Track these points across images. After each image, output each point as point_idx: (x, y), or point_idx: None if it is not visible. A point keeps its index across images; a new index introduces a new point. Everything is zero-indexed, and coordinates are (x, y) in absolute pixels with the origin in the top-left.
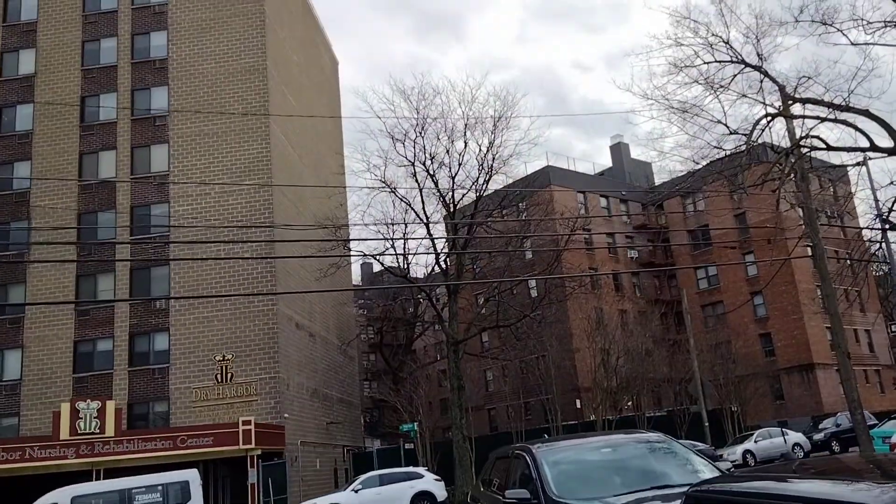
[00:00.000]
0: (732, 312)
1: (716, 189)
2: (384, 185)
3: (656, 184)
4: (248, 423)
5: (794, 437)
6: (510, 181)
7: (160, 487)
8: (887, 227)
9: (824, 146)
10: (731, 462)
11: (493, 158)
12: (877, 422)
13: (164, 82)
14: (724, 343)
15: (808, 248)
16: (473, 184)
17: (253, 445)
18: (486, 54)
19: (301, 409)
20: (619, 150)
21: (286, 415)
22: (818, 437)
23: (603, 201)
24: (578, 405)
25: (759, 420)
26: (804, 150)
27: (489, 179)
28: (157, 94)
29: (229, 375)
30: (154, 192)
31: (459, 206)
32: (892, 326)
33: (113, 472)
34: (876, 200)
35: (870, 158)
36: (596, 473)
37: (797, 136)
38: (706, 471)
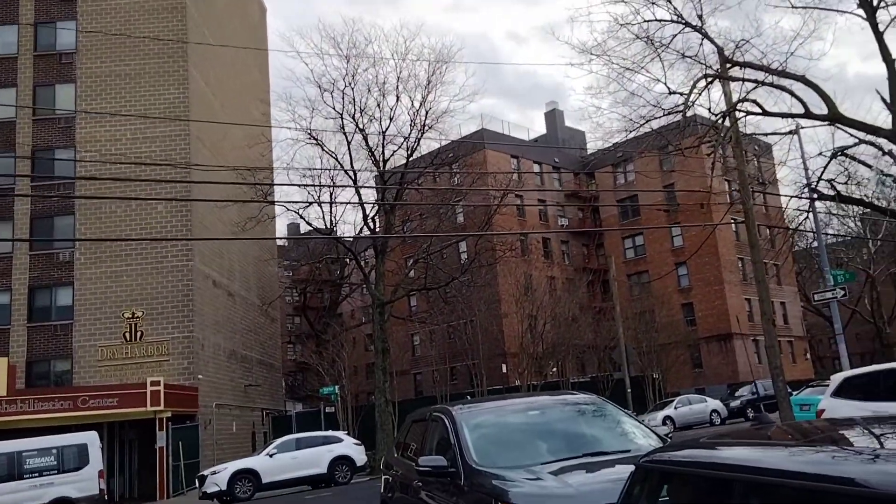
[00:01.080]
0: (657, 282)
1: (651, 153)
2: (310, 135)
3: (590, 152)
4: (157, 383)
5: (713, 403)
6: (444, 140)
7: (54, 451)
8: (815, 196)
9: (760, 111)
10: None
11: (427, 114)
12: (791, 390)
13: (71, 16)
14: (648, 312)
15: (739, 216)
16: (405, 140)
17: (162, 407)
18: (420, 20)
19: (217, 371)
20: (553, 117)
21: (200, 376)
22: (734, 404)
23: (536, 167)
24: (504, 370)
25: (679, 387)
26: (740, 115)
27: (421, 136)
28: (63, 29)
29: (139, 334)
30: (59, 134)
31: (391, 166)
32: (815, 296)
33: (7, 435)
34: (806, 170)
35: (802, 127)
36: (521, 439)
37: (734, 101)
38: (642, 436)
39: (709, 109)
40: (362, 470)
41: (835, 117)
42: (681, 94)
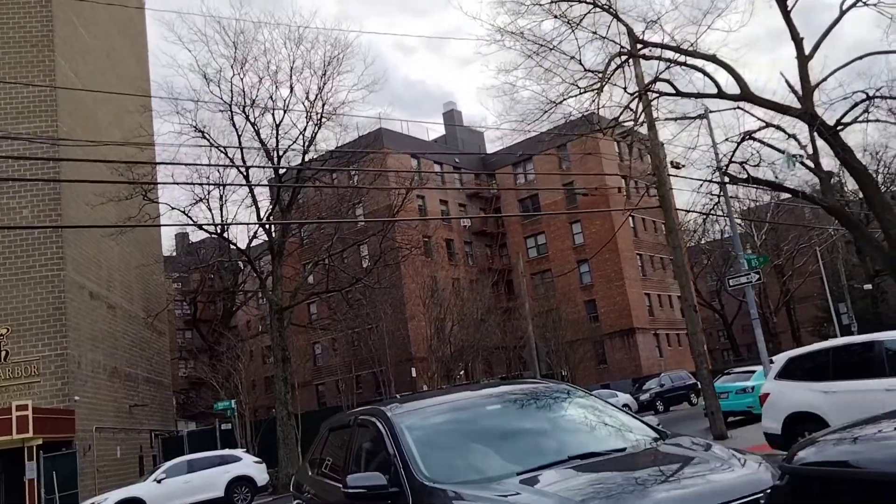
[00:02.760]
0: (561, 280)
1: (552, 152)
2: (195, 128)
3: (489, 151)
4: (24, 407)
5: (623, 398)
6: (343, 134)
7: None
8: (727, 180)
9: (673, 91)
10: None
11: (323, 106)
12: (695, 381)
13: None
14: (553, 310)
15: (635, 211)
16: (301, 133)
17: (31, 434)
18: (308, 29)
19: (97, 391)
20: (451, 117)
21: (77, 397)
22: (644, 397)
23: (437, 168)
24: (414, 374)
25: (586, 383)
26: (653, 97)
27: (318, 129)
28: None
29: (3, 354)
30: None
31: (287, 164)
32: (730, 281)
33: None
34: (716, 153)
35: (711, 111)
36: (483, 443)
37: (646, 82)
38: (634, 428)
39: (624, 89)
40: (264, 490)
41: (746, 97)
42: (595, 72)
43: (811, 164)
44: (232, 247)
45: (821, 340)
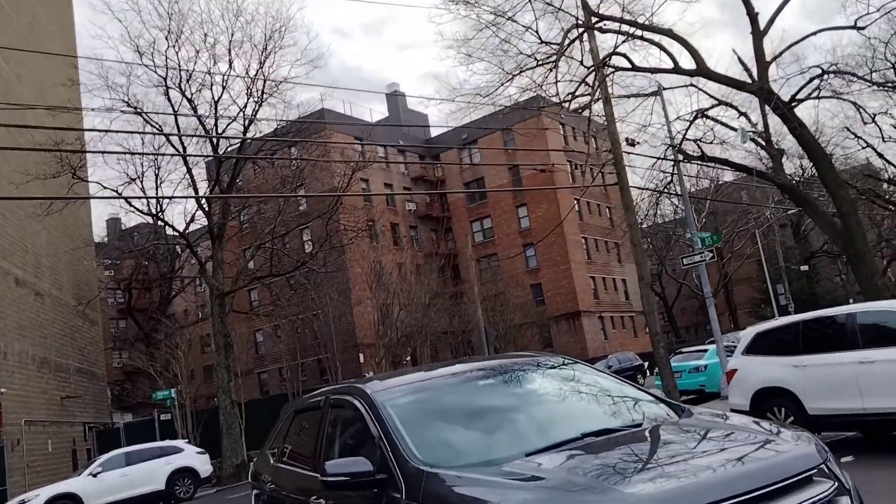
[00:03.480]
0: (507, 264)
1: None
2: (127, 104)
3: (433, 134)
4: None
5: None
6: (286, 111)
7: None
8: (682, 158)
9: (629, 66)
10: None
11: (265, 81)
12: (641, 362)
13: None
14: (500, 294)
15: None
16: (241, 110)
17: None
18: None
19: (26, 382)
20: (395, 99)
21: (3, 389)
22: None
23: (381, 151)
24: (362, 360)
25: None
26: (609, 71)
27: (259, 106)
28: None
29: None
30: None
31: (227, 145)
32: (684, 260)
33: None
34: (669, 130)
35: (665, 88)
36: (483, 422)
37: (601, 56)
38: (646, 402)
39: (580, 62)
40: (207, 482)
41: (702, 72)
42: (551, 44)
43: (762, 142)
44: (169, 231)
45: (758, 321)
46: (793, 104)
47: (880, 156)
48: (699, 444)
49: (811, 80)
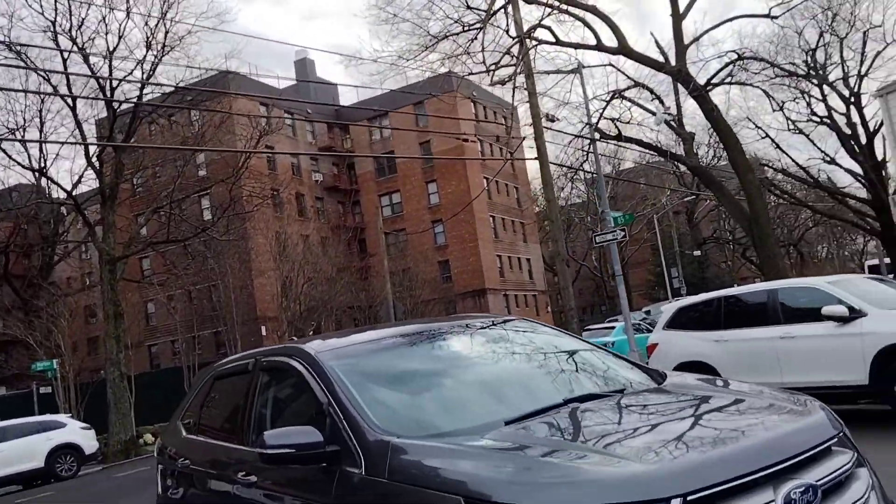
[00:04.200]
0: (415, 240)
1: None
2: (9, 48)
3: (343, 104)
4: None
5: None
6: (189, 68)
7: None
8: (598, 137)
9: (553, 40)
10: None
11: (167, 34)
12: None
13: None
14: (407, 269)
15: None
16: (139, 63)
17: None
18: None
19: None
20: (304, 66)
21: None
22: None
23: (287, 119)
24: (264, 333)
25: None
26: (533, 44)
27: (159, 61)
28: None
29: None
30: None
31: (122, 104)
32: (597, 238)
33: None
34: (587, 108)
35: (584, 67)
36: (452, 387)
37: (525, 29)
38: (622, 367)
39: (506, 31)
40: (92, 459)
41: (624, 50)
42: (477, 10)
43: (675, 125)
44: (55, 192)
45: (652, 303)
46: (708, 87)
47: (777, 146)
48: (701, 411)
49: (727, 64)
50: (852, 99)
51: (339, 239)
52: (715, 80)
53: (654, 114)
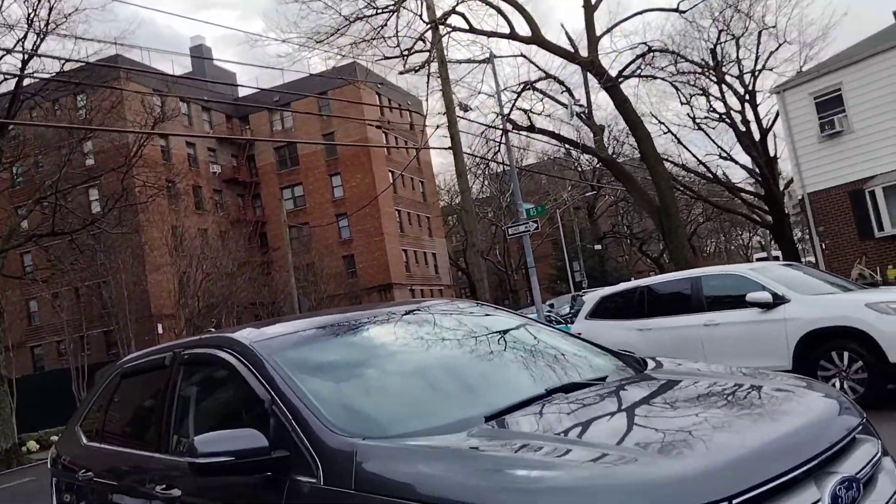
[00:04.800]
0: (319, 234)
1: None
2: None
3: (241, 94)
4: None
5: None
6: (76, 48)
7: None
8: (510, 128)
9: (467, 27)
10: None
11: (51, 9)
12: None
13: None
14: (311, 264)
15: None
16: (20, 41)
17: None
18: None
19: None
20: (200, 52)
21: None
22: None
23: (183, 108)
24: (160, 331)
25: None
26: (446, 31)
27: (43, 39)
28: None
29: None
30: None
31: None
32: (509, 230)
33: None
34: (499, 99)
35: (496, 57)
36: (416, 379)
37: (439, 15)
38: (592, 353)
39: (419, 16)
40: None
41: (538, 40)
42: None
43: (585, 118)
44: None
45: (555, 296)
46: (620, 79)
47: (679, 141)
48: (714, 401)
49: (638, 56)
50: (747, 97)
51: (239, 233)
52: (626, 73)
53: (565, 106)
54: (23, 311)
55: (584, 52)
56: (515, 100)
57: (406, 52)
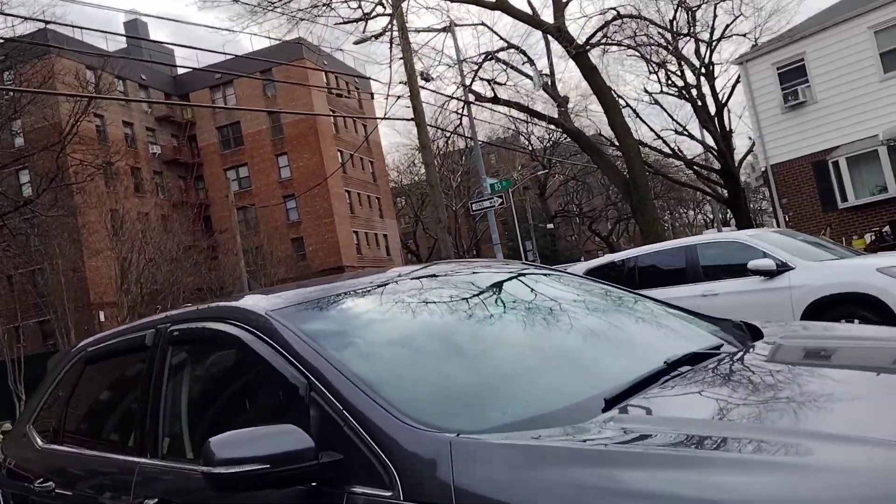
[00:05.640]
0: (266, 217)
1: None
2: None
3: (180, 72)
4: None
5: None
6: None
7: None
8: (473, 100)
9: None
10: None
11: None
12: None
13: None
14: (260, 247)
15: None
16: None
17: None
18: None
19: None
20: (135, 28)
21: None
22: None
23: (120, 85)
24: (102, 318)
25: None
26: None
27: None
28: None
29: None
30: None
31: None
32: (473, 206)
33: None
34: (461, 69)
35: (457, 25)
36: (496, 352)
37: None
38: (684, 320)
39: None
40: None
41: (502, 6)
42: None
43: (549, 88)
44: None
45: None
46: (587, 47)
47: (638, 115)
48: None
49: (606, 23)
50: (703, 70)
51: (182, 216)
52: (593, 41)
53: (529, 77)
54: None
55: (548, 19)
56: (477, 70)
57: (367, 16)
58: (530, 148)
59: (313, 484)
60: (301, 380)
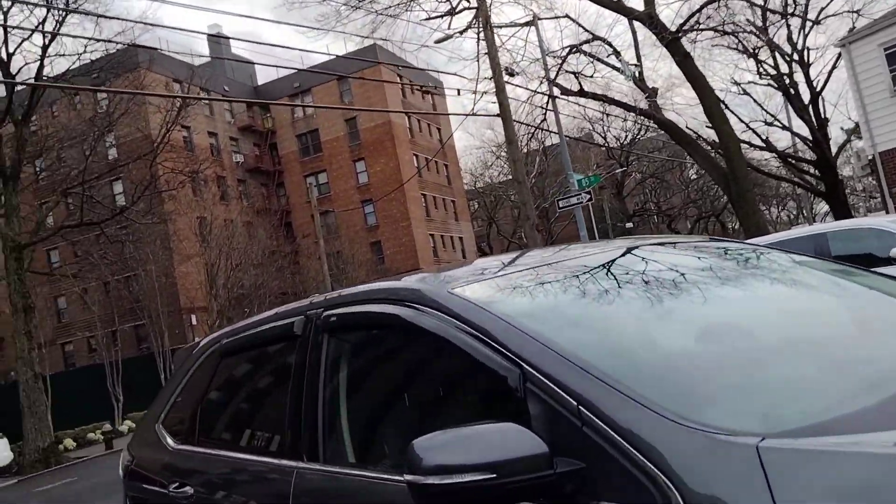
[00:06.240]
0: (344, 222)
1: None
2: None
3: (261, 83)
4: None
5: None
6: (98, 32)
7: None
8: (557, 92)
9: None
10: None
11: None
12: None
13: None
14: (340, 251)
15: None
16: (40, 26)
17: None
18: None
19: None
20: (218, 43)
21: None
22: None
23: (204, 97)
24: (194, 322)
25: None
26: None
27: (61, 24)
28: None
29: None
30: None
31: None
32: (560, 203)
33: None
34: (545, 63)
35: (540, 19)
36: (748, 342)
37: None
38: None
39: None
40: (7, 472)
41: None
42: None
43: (638, 80)
44: None
45: None
46: (679, 34)
47: (727, 107)
48: None
49: (703, 5)
50: (796, 57)
51: (265, 222)
52: (686, 27)
53: (617, 69)
54: (51, 308)
55: (636, 7)
56: (562, 64)
57: (453, 10)
58: (608, 146)
59: (540, 499)
60: (510, 368)
